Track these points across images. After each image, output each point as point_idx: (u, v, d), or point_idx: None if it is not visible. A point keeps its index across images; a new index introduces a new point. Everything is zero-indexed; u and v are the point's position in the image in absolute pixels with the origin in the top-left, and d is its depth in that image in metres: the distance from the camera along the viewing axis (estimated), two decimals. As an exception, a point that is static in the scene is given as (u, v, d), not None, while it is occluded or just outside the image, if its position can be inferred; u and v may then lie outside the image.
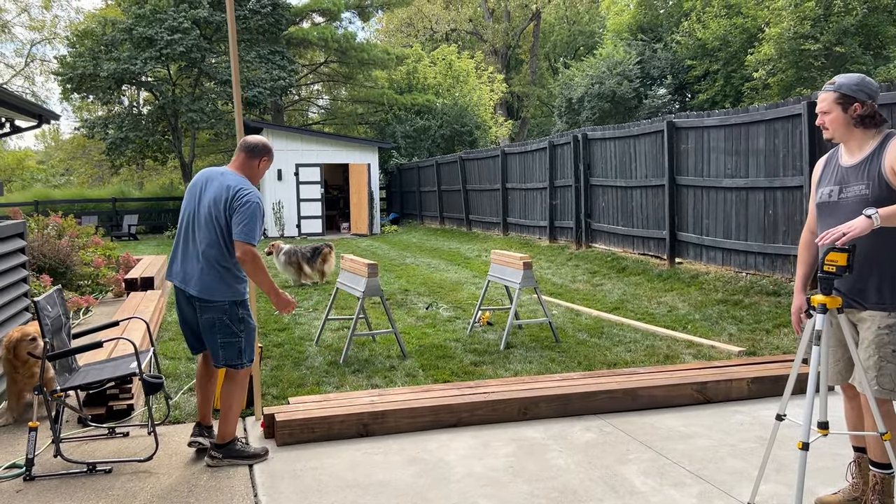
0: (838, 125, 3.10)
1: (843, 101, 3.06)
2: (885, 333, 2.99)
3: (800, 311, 3.32)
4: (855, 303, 3.08)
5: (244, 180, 3.93)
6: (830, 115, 3.11)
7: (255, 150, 4.00)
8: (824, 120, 3.15)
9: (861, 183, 3.02)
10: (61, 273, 9.00)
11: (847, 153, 3.16)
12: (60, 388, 3.92)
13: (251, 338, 4.02)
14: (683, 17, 24.68)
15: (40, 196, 25.95)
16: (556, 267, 11.79)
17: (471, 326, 7.38)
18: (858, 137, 3.09)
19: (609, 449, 4.19)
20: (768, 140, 8.33)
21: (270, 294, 3.95)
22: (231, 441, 4.00)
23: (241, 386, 4.02)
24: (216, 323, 3.88)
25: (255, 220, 3.80)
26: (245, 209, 3.79)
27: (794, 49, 18.69)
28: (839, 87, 3.09)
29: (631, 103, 23.77)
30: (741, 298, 8.06)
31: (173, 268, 4.00)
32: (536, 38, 38.27)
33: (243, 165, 4.01)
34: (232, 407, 3.98)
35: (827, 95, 3.11)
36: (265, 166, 4.07)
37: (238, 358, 3.96)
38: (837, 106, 3.08)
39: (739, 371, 5.26)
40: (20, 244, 5.94)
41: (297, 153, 21.23)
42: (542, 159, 14.33)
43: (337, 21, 27.93)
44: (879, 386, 3.00)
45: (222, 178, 3.91)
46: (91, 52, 21.56)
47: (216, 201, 3.83)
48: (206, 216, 3.85)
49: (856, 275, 3.02)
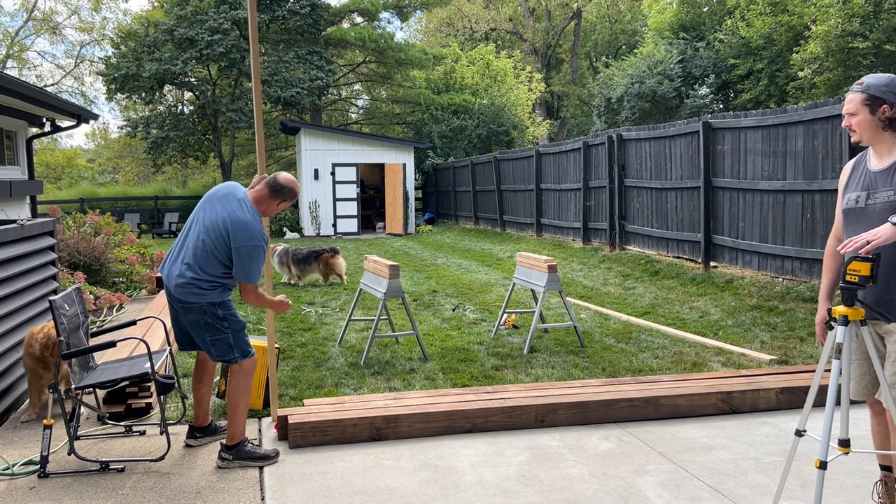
0: (866, 128, 2.95)
1: (872, 102, 2.92)
2: None
3: (823, 321, 3.17)
4: (880, 315, 2.92)
5: (250, 216, 3.87)
6: (857, 116, 2.97)
7: (280, 192, 4.01)
8: (850, 122, 3.00)
9: (890, 189, 2.87)
10: (96, 270, 9.17)
11: (876, 157, 3.01)
12: (75, 386, 3.95)
13: (239, 331, 4.01)
14: (727, 14, 24.13)
15: (86, 194, 26.61)
16: (588, 269, 11.62)
17: (496, 329, 7.29)
18: (888, 141, 2.94)
19: (626, 459, 4.07)
20: (807, 141, 8.06)
21: (272, 308, 4.15)
22: (241, 442, 4.00)
23: (247, 380, 4.01)
24: (200, 323, 3.92)
25: (255, 262, 3.86)
26: (250, 254, 3.84)
27: (841, 47, 18.12)
28: (867, 88, 2.94)
29: (672, 103, 23.34)
30: (776, 304, 7.81)
31: (165, 266, 4.06)
32: (577, 37, 37.89)
33: (262, 199, 4.00)
34: (238, 405, 3.98)
35: (854, 96, 2.97)
36: (283, 206, 4.10)
37: (230, 352, 3.97)
38: (865, 107, 2.93)
39: (768, 380, 5.07)
40: (49, 242, 6.03)
41: (334, 153, 21.36)
42: (576, 160, 14.15)
43: (375, 21, 28.04)
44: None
45: (230, 207, 3.88)
46: (134, 53, 22.02)
47: (215, 226, 3.86)
48: (201, 231, 3.90)
49: (882, 285, 2.87)
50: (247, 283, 3.89)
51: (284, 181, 4.02)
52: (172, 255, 4.03)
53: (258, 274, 3.92)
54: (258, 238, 3.85)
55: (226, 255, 3.85)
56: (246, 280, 3.88)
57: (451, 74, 28.66)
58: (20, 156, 10.41)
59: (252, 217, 3.89)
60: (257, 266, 3.88)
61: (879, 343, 2.99)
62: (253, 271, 3.87)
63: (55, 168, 42.47)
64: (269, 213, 4.08)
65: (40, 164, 40.89)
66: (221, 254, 3.85)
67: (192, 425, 4.34)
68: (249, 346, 4.07)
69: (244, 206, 3.91)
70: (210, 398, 4.37)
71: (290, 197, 4.05)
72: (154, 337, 5.56)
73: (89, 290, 8.42)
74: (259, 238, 3.86)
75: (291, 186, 4.03)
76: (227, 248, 3.84)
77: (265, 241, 3.91)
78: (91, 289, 8.54)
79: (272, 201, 4.02)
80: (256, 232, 3.86)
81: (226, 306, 3.95)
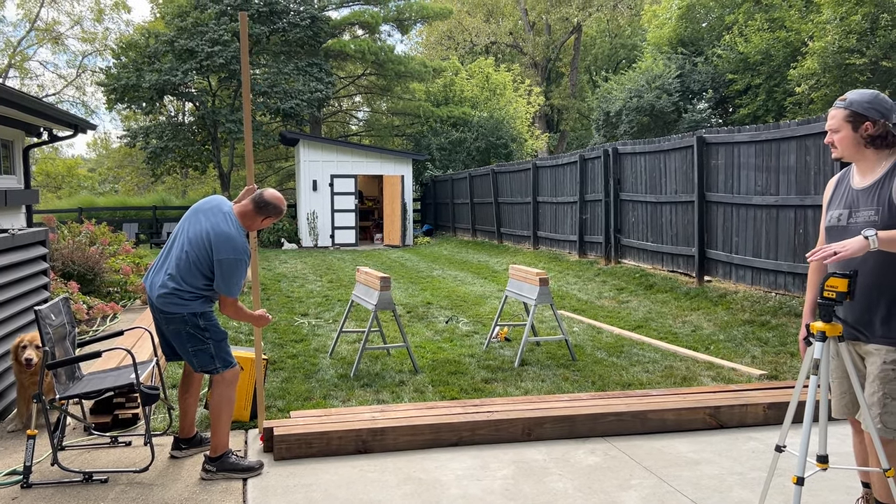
0: (847, 144, 2.93)
1: (854, 119, 2.88)
2: (890, 369, 2.80)
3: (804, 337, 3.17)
4: (861, 334, 2.91)
5: (232, 229, 3.90)
6: (839, 133, 2.94)
7: (265, 209, 4.03)
8: (833, 138, 2.98)
9: (871, 208, 2.85)
10: (90, 280, 9.18)
11: (859, 174, 2.99)
12: (59, 396, 3.95)
13: (220, 342, 4.01)
14: (725, 30, 24.28)
15: (85, 203, 26.64)
16: (583, 282, 11.63)
17: (487, 342, 7.29)
18: (870, 158, 2.90)
19: (611, 474, 4.06)
20: (799, 157, 8.09)
21: (251, 322, 4.14)
22: (224, 454, 3.99)
23: (229, 390, 4.01)
24: (182, 333, 3.93)
25: (236, 275, 3.87)
26: (231, 267, 3.85)
27: (838, 63, 18.23)
28: (850, 104, 2.91)
29: (670, 117, 23.43)
30: (768, 319, 7.81)
31: (148, 276, 4.08)
32: (577, 51, 38.08)
33: (247, 214, 4.03)
34: (220, 416, 3.98)
35: (837, 113, 2.95)
36: (268, 223, 4.13)
37: (212, 363, 3.98)
38: (847, 124, 2.91)
39: (756, 396, 5.07)
40: (41, 251, 6.05)
41: (332, 164, 21.41)
42: (572, 173, 14.19)
43: (376, 34, 28.18)
44: (883, 424, 2.81)
45: (214, 220, 3.91)
46: (134, 64, 22.12)
47: (199, 237, 3.88)
48: (185, 242, 3.92)
49: (863, 305, 2.86)
50: (227, 295, 3.91)
51: (270, 198, 4.04)
52: (156, 266, 4.05)
53: (238, 288, 3.93)
54: (240, 251, 3.87)
55: (208, 268, 3.87)
56: (226, 293, 3.90)
57: (451, 87, 28.78)
58: (17, 165, 10.44)
59: (236, 230, 3.91)
60: (238, 279, 3.89)
61: (860, 363, 2.98)
62: (233, 284, 3.89)
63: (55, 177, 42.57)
64: (253, 229, 4.12)
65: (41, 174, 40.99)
66: (204, 266, 3.87)
67: (177, 437, 4.34)
68: (231, 356, 4.07)
69: (229, 219, 3.93)
70: (196, 409, 4.36)
71: (274, 213, 4.07)
72: (141, 348, 5.56)
73: (82, 300, 8.42)
74: (241, 251, 3.87)
75: (276, 203, 4.05)
76: (209, 261, 3.86)
77: (248, 255, 3.93)
78: (84, 298, 8.55)
79: (257, 217, 4.05)
80: (239, 245, 3.88)
81: (207, 317, 3.96)
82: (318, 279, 12.94)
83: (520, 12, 38.25)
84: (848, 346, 2.95)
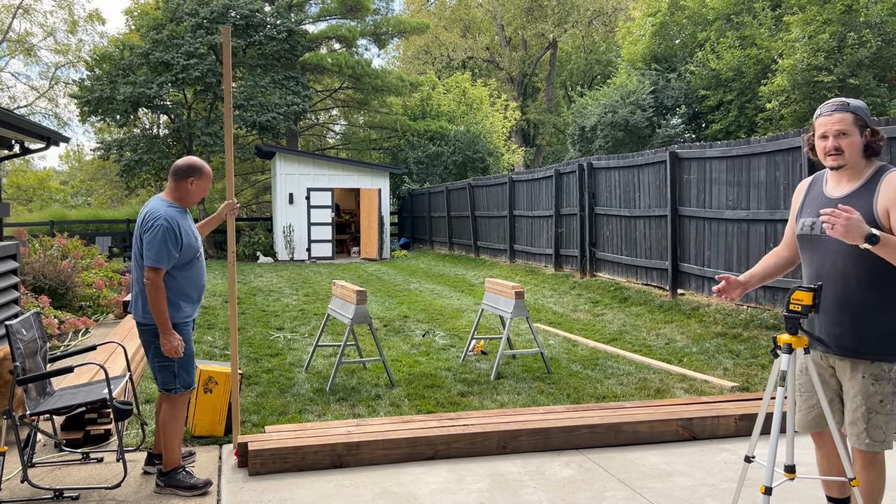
0: (856, 150, 2.76)
1: (862, 124, 2.76)
2: (870, 384, 2.81)
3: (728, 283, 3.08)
4: (839, 349, 2.88)
5: (160, 205, 3.95)
6: (850, 137, 2.74)
7: (181, 173, 4.02)
8: (840, 142, 2.74)
9: None
10: (61, 294, 9.06)
11: (833, 182, 2.89)
12: (30, 412, 3.90)
13: (187, 363, 3.99)
14: (698, 47, 24.68)
15: (56, 216, 26.30)
16: (559, 296, 11.70)
17: (464, 355, 7.31)
18: (857, 167, 2.82)
19: (585, 486, 4.10)
20: (769, 172, 8.25)
21: (159, 327, 3.84)
22: (173, 469, 3.98)
23: (178, 411, 4.00)
24: (149, 346, 3.94)
25: (159, 243, 3.80)
26: (151, 233, 3.83)
27: (807, 80, 18.61)
28: (856, 109, 2.77)
29: (644, 132, 23.73)
30: (740, 332, 7.93)
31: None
32: (553, 66, 38.46)
33: (173, 190, 4.05)
34: (168, 434, 3.97)
35: (845, 116, 2.74)
36: (198, 185, 4.05)
37: (172, 382, 3.96)
38: (857, 129, 2.74)
39: (728, 407, 5.14)
40: (12, 265, 5.98)
41: (309, 177, 21.37)
42: (548, 187, 14.31)
43: (353, 48, 28.24)
44: (871, 439, 2.82)
45: (146, 206, 3.99)
46: (108, 76, 21.92)
47: (138, 228, 3.94)
48: (135, 243, 3.97)
49: (835, 320, 2.85)
50: (148, 265, 3.80)
51: (181, 162, 4.06)
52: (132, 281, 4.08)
53: (158, 255, 3.79)
54: (161, 217, 3.85)
55: None
56: (148, 262, 3.80)
57: (428, 101, 28.91)
58: (-13, 178, 10.28)
59: (162, 205, 3.95)
60: (156, 244, 3.79)
61: (830, 377, 2.98)
62: (153, 249, 3.79)
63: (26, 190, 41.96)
64: (189, 199, 4.06)
65: (11, 186, 40.37)
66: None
67: (150, 452, 4.30)
68: (192, 379, 4.06)
69: (158, 200, 4.01)
70: None
71: (193, 173, 4.02)
72: (114, 363, 5.51)
73: (54, 315, 8.32)
74: (162, 217, 3.85)
75: (190, 163, 4.04)
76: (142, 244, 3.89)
77: (170, 223, 3.85)
78: (56, 313, 8.44)
79: (181, 184, 4.02)
80: (161, 212, 3.88)
81: (180, 330, 3.95)
82: (294, 293, 12.89)
83: (496, 28, 38.58)
84: (821, 359, 2.99)
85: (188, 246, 3.96)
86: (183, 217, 4.02)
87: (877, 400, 2.80)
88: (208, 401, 4.83)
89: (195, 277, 4.06)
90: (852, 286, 2.80)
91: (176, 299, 3.95)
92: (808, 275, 2.97)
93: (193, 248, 4.01)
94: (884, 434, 2.81)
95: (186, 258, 3.97)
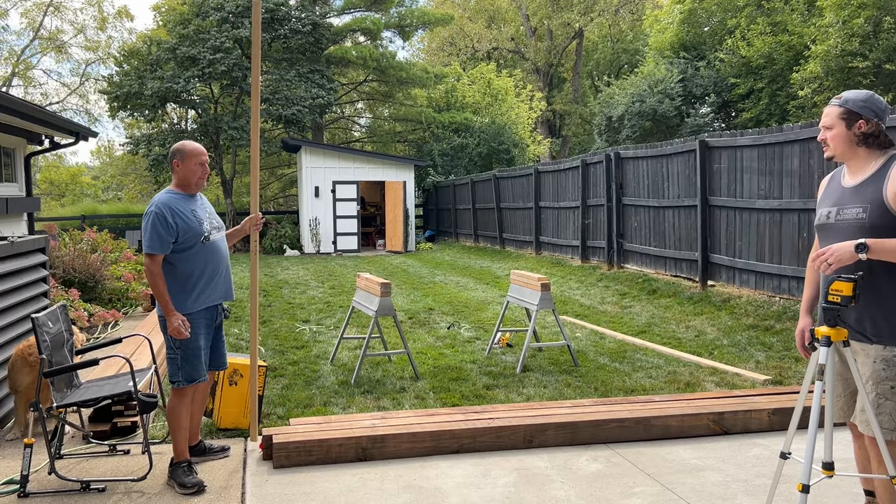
0: (840, 142, 2.94)
1: (848, 116, 2.91)
2: (881, 368, 2.79)
3: (803, 333, 3.14)
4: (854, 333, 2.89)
5: (159, 195, 4.00)
6: (833, 130, 2.95)
7: (170, 158, 4.06)
8: (826, 136, 2.99)
9: (858, 206, 2.86)
10: (91, 287, 9.16)
11: (849, 173, 3.00)
12: (56, 404, 3.92)
13: (191, 355, 3.94)
14: (727, 34, 24.22)
15: (88, 211, 26.67)
16: (585, 288, 11.58)
17: (489, 348, 7.24)
18: (861, 157, 2.93)
19: (614, 481, 4.01)
20: (803, 160, 8.04)
21: (162, 310, 3.91)
22: (178, 462, 3.96)
23: (182, 403, 3.97)
24: (164, 335, 3.96)
25: (150, 230, 3.84)
26: (144, 221, 3.92)
27: (841, 67, 18.17)
28: (845, 102, 2.93)
29: (673, 122, 23.39)
30: (772, 324, 7.75)
31: None
32: (579, 56, 38.09)
33: (175, 175, 4.07)
34: (171, 426, 3.98)
35: (831, 110, 2.96)
36: (185, 165, 4.01)
37: (176, 374, 3.95)
38: (841, 122, 2.92)
39: (761, 401, 5.02)
40: (41, 259, 6.02)
41: (335, 170, 21.41)
42: (574, 178, 14.15)
43: (378, 40, 28.20)
44: (879, 425, 2.78)
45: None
46: (137, 72, 22.14)
47: None
48: None
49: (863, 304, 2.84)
50: (144, 252, 3.89)
51: (174, 146, 4.06)
52: None
53: (151, 242, 3.84)
54: (153, 205, 3.90)
55: None
56: (144, 249, 3.89)
57: (453, 93, 28.77)
58: (18, 173, 10.44)
59: (161, 194, 3.99)
60: (148, 231, 3.84)
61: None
62: (145, 236, 3.86)
63: (59, 185, 42.68)
64: (186, 182, 4.04)
65: (44, 182, 41.10)
66: None
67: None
68: (200, 373, 4.00)
69: (163, 191, 4.04)
70: (200, 417, 4.31)
71: (175, 155, 4.01)
72: (140, 355, 5.53)
73: (83, 308, 8.40)
74: (154, 205, 3.89)
75: (175, 147, 4.05)
76: None
77: (161, 209, 3.86)
78: (85, 306, 8.53)
79: (175, 170, 4.03)
80: (156, 200, 3.93)
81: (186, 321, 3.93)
82: (320, 285, 12.91)
83: (521, 18, 38.29)
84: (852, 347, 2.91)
85: (187, 229, 3.91)
86: (185, 202, 4.00)
87: (887, 386, 2.80)
88: (234, 393, 4.82)
89: (203, 263, 3.98)
90: (867, 272, 2.83)
91: (182, 286, 3.93)
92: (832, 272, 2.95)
93: (195, 231, 3.94)
94: (892, 421, 2.80)
95: (188, 242, 3.92)
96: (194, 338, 3.94)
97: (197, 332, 3.96)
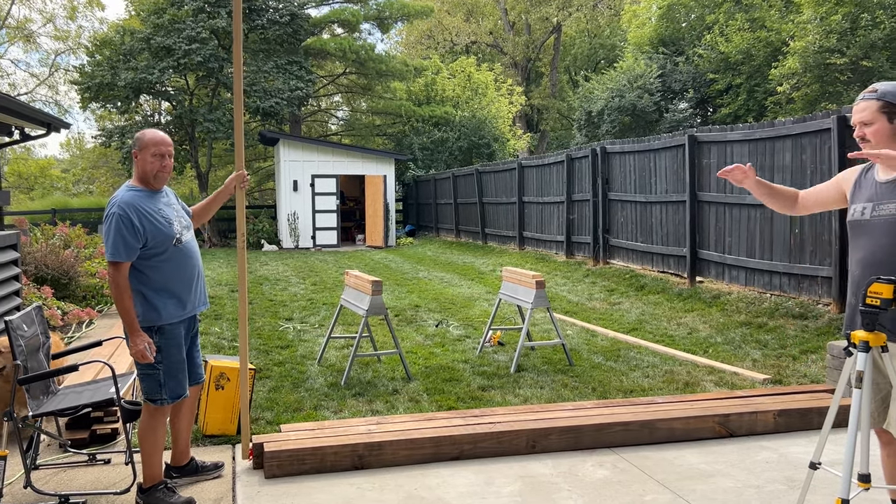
0: (882, 137, 2.77)
1: (889, 109, 2.74)
2: None
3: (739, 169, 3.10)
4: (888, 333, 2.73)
5: (120, 191, 3.59)
6: (873, 126, 2.78)
7: (134, 147, 3.66)
8: (865, 132, 2.80)
9: (895, 201, 2.72)
10: (64, 284, 8.82)
11: (883, 168, 2.84)
12: (33, 413, 3.66)
13: (175, 370, 3.60)
14: (706, 30, 24.26)
15: (58, 204, 26.05)
16: (572, 284, 11.45)
17: (481, 346, 7.07)
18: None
19: (623, 489, 3.86)
20: (795, 156, 7.96)
21: (126, 328, 3.49)
22: (153, 486, 3.60)
23: (157, 423, 3.60)
24: None
25: (113, 234, 3.42)
26: (105, 224, 3.50)
27: (819, 63, 18.25)
28: (883, 95, 2.77)
29: (651, 117, 23.38)
30: (765, 321, 7.67)
31: None
32: (557, 51, 38.01)
33: (134, 169, 3.67)
34: (147, 448, 3.60)
35: (869, 104, 2.79)
36: (143, 156, 3.60)
37: (158, 392, 3.57)
38: (882, 115, 2.75)
39: (764, 402, 4.90)
40: (13, 256, 5.73)
41: (313, 164, 21.09)
42: (559, 173, 14.02)
43: (356, 32, 27.84)
44: None
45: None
46: (109, 62, 21.58)
47: None
48: None
49: None
50: (108, 259, 3.47)
51: (136, 135, 3.70)
52: None
53: (115, 248, 3.42)
54: (115, 205, 3.48)
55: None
56: (107, 256, 3.47)
57: (432, 86, 28.52)
58: (-13, 165, 10.02)
59: (122, 190, 3.59)
60: (112, 236, 3.43)
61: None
62: (108, 242, 3.44)
63: (28, 178, 41.71)
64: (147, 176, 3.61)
65: (12, 174, 40.11)
66: None
67: (167, 465, 3.92)
68: (183, 388, 3.66)
69: (123, 186, 3.65)
70: (190, 432, 3.97)
71: (135, 145, 3.63)
72: (120, 358, 5.27)
73: (57, 306, 8.08)
74: (115, 204, 3.47)
75: (139, 135, 3.66)
76: None
77: (125, 210, 3.45)
78: (59, 304, 8.20)
79: (139, 160, 3.60)
80: (117, 198, 3.51)
81: (164, 333, 3.56)
82: (302, 282, 12.64)
83: (500, 12, 38.09)
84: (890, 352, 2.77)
85: (156, 233, 3.51)
86: (149, 199, 3.58)
87: None
88: (220, 398, 4.59)
89: (177, 269, 3.59)
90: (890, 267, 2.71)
91: (155, 297, 3.54)
92: (856, 259, 2.88)
93: (166, 234, 3.54)
94: None
95: (159, 247, 3.52)
96: (177, 350, 3.61)
97: (178, 343, 3.62)
